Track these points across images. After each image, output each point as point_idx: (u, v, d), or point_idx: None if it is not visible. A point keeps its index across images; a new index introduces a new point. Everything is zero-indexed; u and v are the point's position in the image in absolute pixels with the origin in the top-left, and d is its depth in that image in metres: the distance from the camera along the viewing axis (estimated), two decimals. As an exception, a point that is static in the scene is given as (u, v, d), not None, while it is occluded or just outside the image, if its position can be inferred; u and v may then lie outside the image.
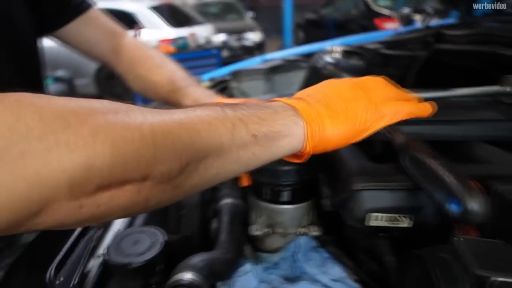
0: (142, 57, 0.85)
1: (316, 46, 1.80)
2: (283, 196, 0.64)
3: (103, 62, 0.89)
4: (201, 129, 0.35)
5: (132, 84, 0.87)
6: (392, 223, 0.50)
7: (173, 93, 0.78)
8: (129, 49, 0.86)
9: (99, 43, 0.84)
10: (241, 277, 0.60)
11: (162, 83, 0.80)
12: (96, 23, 0.83)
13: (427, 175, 0.43)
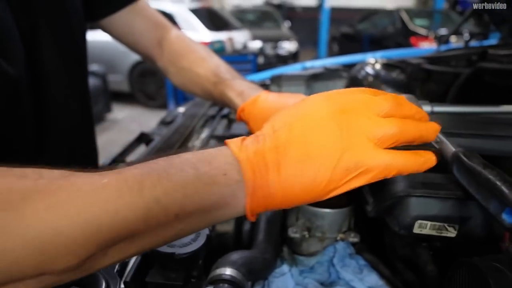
0: (187, 49, 0.84)
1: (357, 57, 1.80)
2: None
3: (146, 55, 0.88)
4: (103, 223, 0.29)
5: (174, 78, 0.86)
6: (438, 232, 0.50)
7: (218, 85, 0.76)
8: (173, 41, 0.85)
9: (144, 35, 0.83)
10: (278, 278, 0.61)
11: (206, 75, 0.79)
12: (144, 14, 0.82)
13: (481, 185, 0.43)
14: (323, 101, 0.37)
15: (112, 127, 5.04)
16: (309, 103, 0.38)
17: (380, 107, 0.36)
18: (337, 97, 0.37)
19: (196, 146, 0.90)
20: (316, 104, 0.37)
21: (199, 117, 1.03)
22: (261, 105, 0.68)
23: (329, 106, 0.36)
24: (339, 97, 0.37)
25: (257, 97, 0.70)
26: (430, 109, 0.66)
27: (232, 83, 0.75)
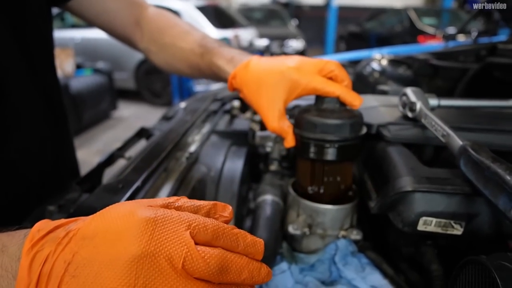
0: (167, 24, 0.78)
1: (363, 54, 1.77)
2: (329, 154, 0.58)
3: (124, 37, 0.81)
4: None
5: (157, 57, 0.80)
6: (444, 229, 0.47)
7: (204, 55, 0.71)
8: (153, 19, 0.79)
9: (119, 14, 0.77)
10: (277, 276, 0.59)
11: (191, 48, 0.73)
12: None
13: (489, 180, 0.41)
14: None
15: (118, 124, 5.05)
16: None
17: None
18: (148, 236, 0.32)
19: (197, 141, 0.89)
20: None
21: (200, 112, 1.01)
22: (254, 69, 0.63)
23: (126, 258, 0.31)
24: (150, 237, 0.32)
25: (249, 62, 0.64)
26: (437, 103, 0.64)
27: (220, 50, 0.70)
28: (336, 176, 0.61)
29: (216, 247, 0.34)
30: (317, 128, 0.58)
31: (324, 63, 0.60)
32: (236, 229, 0.37)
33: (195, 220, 0.34)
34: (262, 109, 0.62)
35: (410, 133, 0.60)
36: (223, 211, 0.41)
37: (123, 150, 0.95)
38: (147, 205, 0.36)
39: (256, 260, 0.38)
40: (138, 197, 0.59)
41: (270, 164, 0.81)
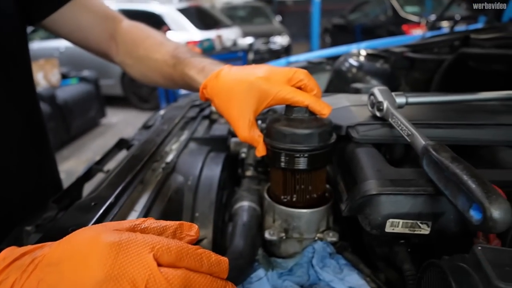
0: (141, 37, 0.79)
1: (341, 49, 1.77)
2: (300, 163, 0.59)
3: (100, 52, 0.82)
4: None
5: (133, 70, 0.81)
6: (411, 230, 0.48)
7: (177, 66, 0.71)
8: (126, 31, 0.79)
9: (93, 30, 0.77)
10: (254, 283, 0.59)
11: (164, 59, 0.73)
12: (89, 7, 0.77)
13: (449, 180, 0.41)
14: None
15: (107, 131, 5.02)
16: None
17: None
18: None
19: (174, 150, 0.88)
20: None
21: (177, 120, 1.01)
22: (224, 79, 0.63)
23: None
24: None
25: (219, 72, 0.64)
26: (405, 101, 0.64)
27: (192, 60, 0.70)
28: (308, 184, 0.62)
29: (180, 268, 0.35)
30: (287, 138, 0.58)
31: (293, 73, 0.61)
32: (201, 249, 0.38)
33: (158, 242, 0.35)
34: (233, 119, 0.62)
35: (379, 133, 0.60)
36: (189, 231, 0.42)
37: (102, 163, 0.94)
38: (113, 229, 0.36)
39: (221, 278, 0.38)
40: (112, 213, 0.59)
41: (246, 170, 0.81)
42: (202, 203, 0.75)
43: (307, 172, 0.60)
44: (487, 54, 0.94)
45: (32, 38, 6.16)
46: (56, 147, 4.14)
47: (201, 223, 0.72)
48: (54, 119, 4.04)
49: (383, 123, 0.62)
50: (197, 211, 0.73)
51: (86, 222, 0.53)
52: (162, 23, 5.55)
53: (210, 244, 0.70)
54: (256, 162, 0.82)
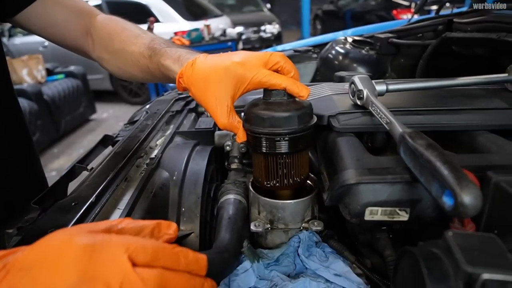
0: (117, 30, 0.77)
1: (328, 36, 1.77)
2: (281, 147, 0.58)
3: (76, 48, 0.81)
4: None
5: (110, 64, 0.79)
6: (390, 217, 0.48)
7: (153, 57, 0.70)
8: (102, 26, 0.78)
9: (68, 25, 0.76)
10: (239, 276, 0.60)
11: (140, 51, 0.72)
12: (63, 2, 0.75)
13: (423, 167, 0.41)
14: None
15: (97, 127, 4.98)
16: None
17: None
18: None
19: (159, 145, 0.88)
20: None
21: (161, 114, 1.00)
22: (200, 67, 0.62)
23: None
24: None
25: (195, 60, 0.64)
26: (385, 88, 0.64)
27: (167, 50, 0.69)
28: (290, 168, 0.61)
29: (156, 267, 0.35)
30: (266, 122, 0.58)
31: (268, 56, 0.60)
32: (178, 247, 0.38)
33: (133, 243, 0.35)
34: (211, 106, 0.61)
35: (359, 122, 0.61)
36: (167, 229, 0.42)
37: (87, 161, 0.93)
38: (87, 230, 0.36)
39: (200, 276, 0.38)
40: (93, 213, 0.59)
41: (231, 163, 0.81)
42: (188, 198, 0.75)
43: (289, 155, 0.60)
44: (469, 38, 0.94)
45: (14, 34, 6.05)
46: (46, 146, 4.10)
47: (187, 218, 0.72)
48: (42, 116, 4.00)
49: (364, 112, 0.62)
50: (183, 206, 0.73)
51: (66, 223, 0.53)
52: (149, 14, 5.48)
53: (197, 238, 0.70)
54: (241, 154, 0.82)
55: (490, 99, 0.66)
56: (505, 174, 0.43)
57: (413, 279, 0.35)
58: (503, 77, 0.69)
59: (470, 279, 0.30)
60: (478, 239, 0.33)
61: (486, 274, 0.29)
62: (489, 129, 0.60)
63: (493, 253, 0.31)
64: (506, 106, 0.63)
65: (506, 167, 0.47)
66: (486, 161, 0.48)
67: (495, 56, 0.95)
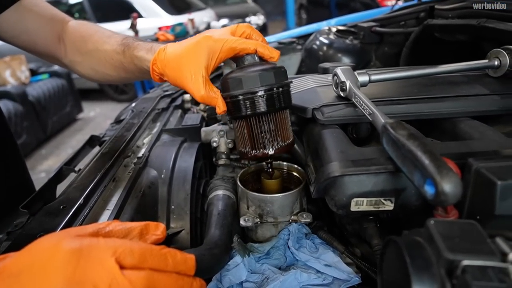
0: (89, 32, 0.77)
1: (312, 27, 1.76)
2: (260, 105, 0.57)
3: (48, 54, 0.80)
4: None
5: (83, 67, 0.79)
6: (375, 207, 0.49)
7: (126, 52, 0.71)
8: (74, 30, 0.78)
9: (40, 32, 0.76)
10: (230, 271, 0.60)
11: (114, 48, 0.73)
12: (35, 10, 0.75)
13: (405, 157, 0.42)
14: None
15: (85, 126, 4.92)
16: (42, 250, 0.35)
17: None
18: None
19: (146, 144, 0.87)
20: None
21: (147, 112, 0.99)
22: (171, 49, 0.63)
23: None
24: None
25: (166, 45, 0.65)
26: (368, 79, 0.65)
27: (140, 43, 0.70)
28: (274, 129, 0.60)
29: (144, 269, 0.35)
30: (243, 83, 0.57)
31: (235, 26, 0.64)
32: (166, 248, 0.38)
33: (121, 245, 0.35)
34: (187, 82, 0.61)
35: (343, 113, 0.61)
36: (155, 230, 0.42)
37: (74, 162, 0.93)
38: (75, 234, 0.36)
39: (188, 275, 0.39)
40: (82, 215, 0.58)
41: (219, 159, 0.81)
42: (178, 195, 0.75)
43: (270, 114, 0.59)
44: (450, 24, 0.94)
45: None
46: (33, 147, 4.04)
47: (177, 215, 0.72)
48: (28, 118, 3.93)
49: (347, 103, 0.63)
50: (173, 204, 0.73)
51: (55, 227, 0.53)
52: (131, 9, 5.39)
53: (188, 235, 0.70)
54: (228, 150, 0.82)
55: (472, 85, 0.67)
56: (486, 160, 0.43)
57: (398, 267, 0.36)
58: (483, 63, 0.70)
59: (451, 266, 0.31)
60: (459, 226, 0.34)
61: (466, 260, 0.30)
62: (471, 116, 0.61)
63: (474, 239, 0.32)
64: (487, 92, 0.64)
65: (487, 153, 0.48)
66: (467, 148, 0.49)
67: (476, 42, 0.96)
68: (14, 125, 3.67)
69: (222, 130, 0.80)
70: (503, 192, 0.39)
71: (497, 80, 0.70)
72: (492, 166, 0.42)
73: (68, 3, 6.28)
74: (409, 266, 0.33)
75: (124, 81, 0.78)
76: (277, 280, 0.58)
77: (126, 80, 0.78)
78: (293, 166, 0.73)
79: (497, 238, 0.33)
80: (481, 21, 0.85)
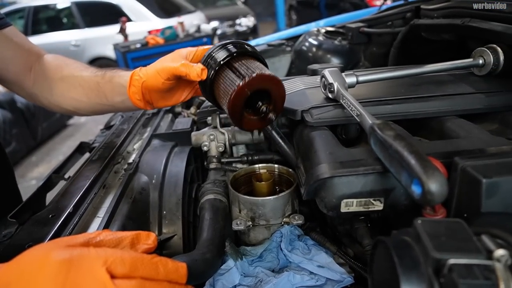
0: (66, 62, 0.81)
1: (301, 28, 1.77)
2: (231, 50, 0.63)
3: (14, 82, 0.81)
4: None
5: (50, 94, 0.80)
6: (365, 208, 0.50)
7: (106, 74, 0.75)
8: (52, 59, 0.82)
9: (14, 60, 0.79)
10: (223, 275, 0.60)
11: (92, 73, 0.76)
12: (14, 41, 0.78)
13: (393, 157, 0.42)
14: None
15: (76, 132, 4.88)
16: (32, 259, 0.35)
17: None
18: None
19: (136, 149, 0.87)
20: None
21: (137, 117, 0.99)
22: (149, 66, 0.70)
23: None
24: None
25: None
26: (355, 80, 0.65)
27: (117, 69, 0.75)
28: (241, 69, 0.61)
29: (135, 278, 0.35)
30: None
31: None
32: (157, 257, 0.38)
33: (111, 255, 0.35)
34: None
35: (332, 115, 0.61)
36: (146, 240, 0.42)
37: (63, 170, 0.92)
38: (65, 245, 0.36)
39: (179, 284, 0.39)
40: (72, 223, 0.58)
41: (210, 162, 0.81)
42: (169, 200, 0.74)
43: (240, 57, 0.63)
44: (436, 24, 0.95)
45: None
46: (23, 154, 3.99)
47: (169, 220, 0.72)
48: (17, 125, 3.88)
49: (336, 105, 0.63)
50: (165, 209, 0.73)
51: (43, 237, 0.52)
52: (120, 13, 5.37)
53: (180, 240, 0.70)
54: (219, 153, 0.82)
55: (457, 84, 0.68)
56: (471, 159, 0.44)
57: (387, 267, 0.36)
58: (468, 62, 0.71)
59: (438, 265, 0.31)
60: (445, 225, 0.34)
61: (453, 259, 0.30)
62: (457, 114, 0.62)
63: (460, 238, 0.32)
64: (472, 91, 0.65)
65: (473, 152, 0.48)
66: (454, 146, 0.50)
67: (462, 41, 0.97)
68: (3, 132, 3.63)
69: (212, 134, 0.80)
70: (488, 190, 0.40)
71: (482, 78, 0.71)
72: (477, 165, 0.43)
73: (56, 8, 6.23)
74: (397, 266, 0.33)
75: (89, 109, 0.79)
76: (271, 282, 0.59)
77: (92, 107, 0.79)
78: (284, 168, 0.73)
79: (483, 236, 0.34)
80: (465, 21, 0.86)
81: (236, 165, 0.80)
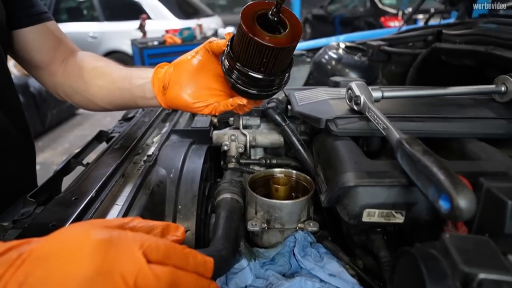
0: (98, 58, 0.84)
1: (321, 41, 1.79)
2: None
3: (44, 68, 0.83)
4: None
5: (81, 82, 0.81)
6: (386, 219, 0.50)
7: (134, 69, 0.77)
8: (86, 54, 0.84)
9: (50, 51, 0.81)
10: (237, 274, 0.61)
11: (124, 69, 0.78)
12: (54, 34, 0.81)
13: (420, 172, 0.43)
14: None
15: (84, 121, 4.90)
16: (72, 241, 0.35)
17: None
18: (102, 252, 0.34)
19: (155, 143, 0.88)
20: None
21: (158, 111, 1.00)
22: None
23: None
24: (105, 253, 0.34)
25: None
26: (381, 95, 0.67)
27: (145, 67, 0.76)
28: None
29: (167, 265, 0.36)
30: None
31: None
32: (187, 248, 0.39)
33: (147, 240, 0.37)
34: None
35: (356, 126, 0.63)
36: (176, 231, 0.43)
37: (81, 156, 0.93)
38: (102, 226, 0.37)
39: (206, 277, 0.40)
40: (93, 208, 0.59)
41: (228, 162, 0.82)
42: (185, 196, 0.75)
43: None
44: (458, 49, 0.97)
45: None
46: (31, 139, 4.01)
47: (183, 215, 0.73)
48: (28, 109, 3.91)
49: (360, 117, 0.64)
50: (180, 204, 0.74)
51: (66, 218, 0.53)
52: (141, 11, 5.43)
53: (193, 236, 0.71)
54: (238, 154, 0.83)
55: (479, 108, 0.69)
56: (496, 180, 0.45)
57: (412, 278, 0.37)
58: (490, 88, 0.72)
59: (467, 279, 0.32)
60: (473, 241, 0.35)
61: (482, 274, 0.31)
62: (478, 137, 0.63)
63: (488, 254, 0.33)
64: (493, 116, 0.66)
65: (496, 174, 0.49)
66: (477, 167, 0.51)
67: (482, 67, 0.99)
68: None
69: (234, 134, 0.81)
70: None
71: (503, 105, 0.72)
72: (503, 187, 0.44)
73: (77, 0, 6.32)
74: (425, 277, 0.34)
75: (110, 97, 0.79)
76: (282, 286, 0.59)
77: (113, 97, 0.80)
78: (302, 175, 0.74)
79: (509, 255, 0.34)
80: (488, 48, 0.88)
81: (253, 167, 0.81)
